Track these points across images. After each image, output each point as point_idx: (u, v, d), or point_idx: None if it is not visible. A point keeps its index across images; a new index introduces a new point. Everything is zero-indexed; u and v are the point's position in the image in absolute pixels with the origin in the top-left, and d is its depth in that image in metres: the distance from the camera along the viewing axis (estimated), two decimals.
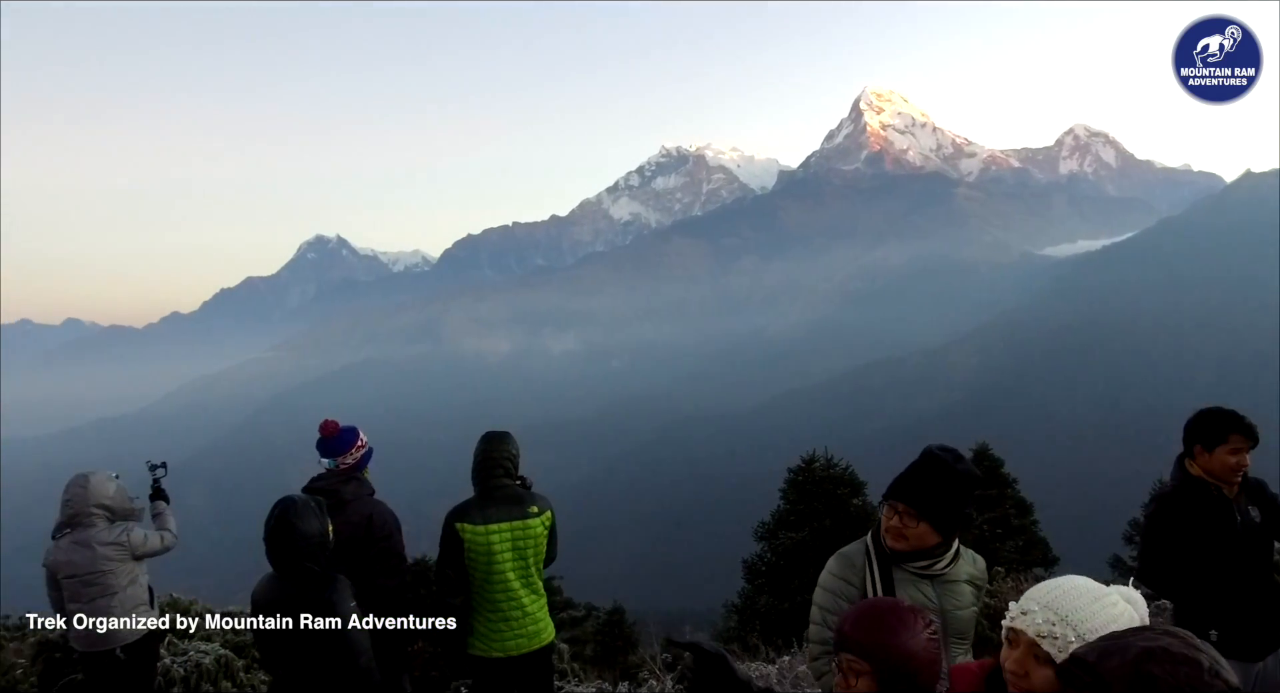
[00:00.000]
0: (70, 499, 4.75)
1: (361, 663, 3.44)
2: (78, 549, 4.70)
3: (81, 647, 4.80)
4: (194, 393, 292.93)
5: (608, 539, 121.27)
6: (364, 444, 4.58)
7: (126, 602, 4.75)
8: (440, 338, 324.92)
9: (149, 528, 5.05)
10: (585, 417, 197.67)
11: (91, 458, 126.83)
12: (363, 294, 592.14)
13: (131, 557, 4.77)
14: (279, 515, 3.47)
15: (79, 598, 4.69)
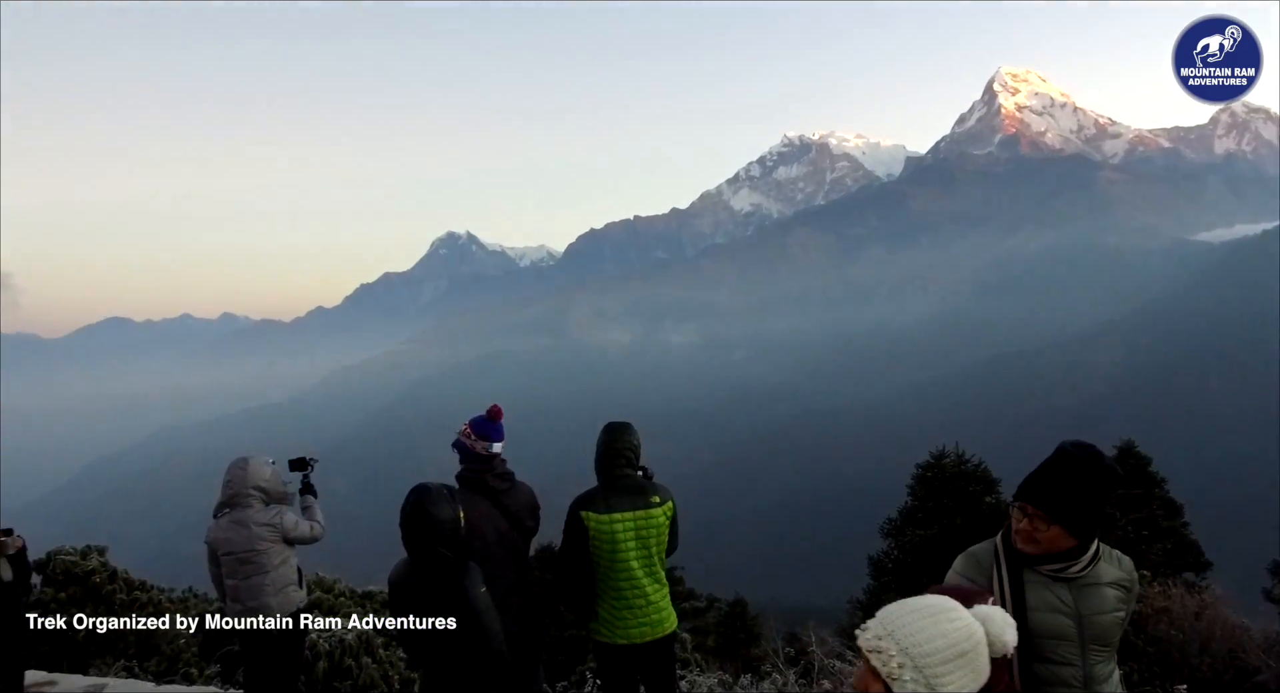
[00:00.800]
0: (230, 480, 5.00)
1: (493, 646, 3.51)
2: (235, 528, 4.93)
3: (241, 620, 4.99)
4: (336, 383, 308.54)
5: (728, 531, 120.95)
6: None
7: (277, 581, 4.98)
8: (563, 331, 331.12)
9: (298, 516, 5.28)
10: (705, 409, 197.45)
11: (245, 443, 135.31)
12: (491, 289, 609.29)
13: (283, 539, 4.99)
14: (414, 502, 3.56)
15: (235, 574, 4.93)
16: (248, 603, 4.94)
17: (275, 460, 5.27)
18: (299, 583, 5.15)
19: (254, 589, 4.93)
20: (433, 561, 3.53)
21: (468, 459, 4.35)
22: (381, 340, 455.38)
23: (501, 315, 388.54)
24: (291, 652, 5.11)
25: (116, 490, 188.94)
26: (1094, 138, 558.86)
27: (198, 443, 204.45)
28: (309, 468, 5.44)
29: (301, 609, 5.11)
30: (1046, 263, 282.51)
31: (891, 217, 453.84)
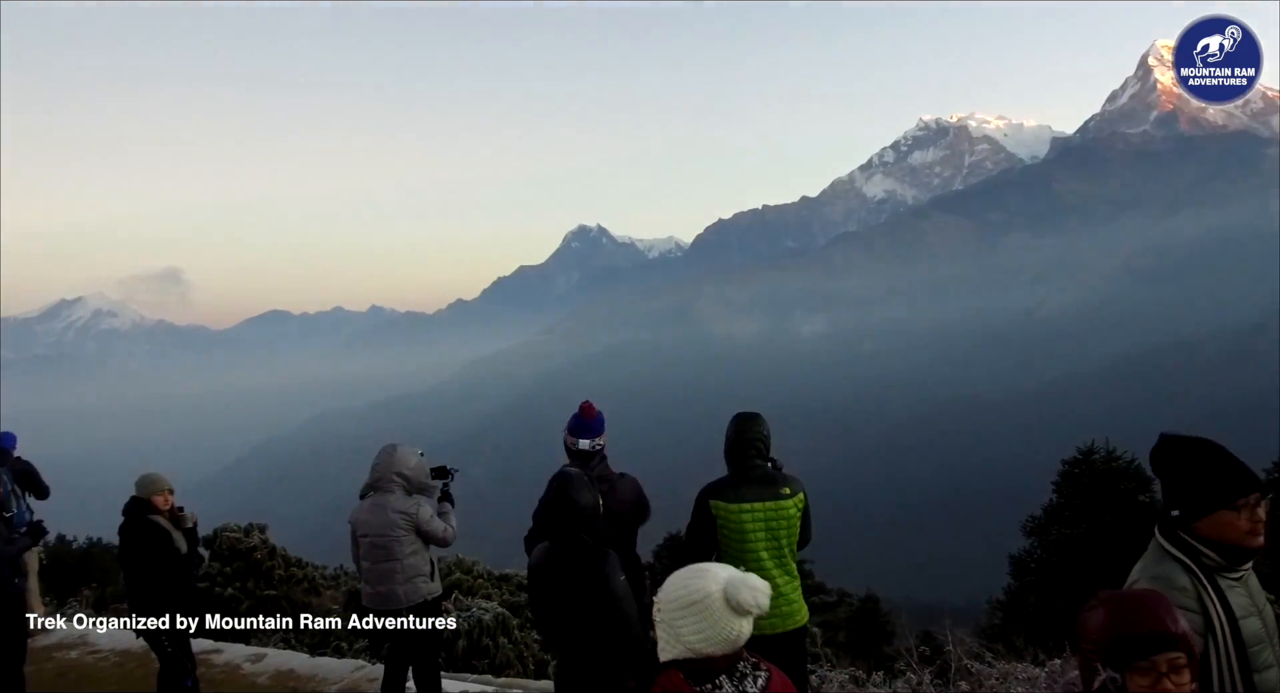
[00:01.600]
0: (377, 464, 5.11)
1: (632, 633, 3.53)
2: (375, 511, 5.02)
3: (370, 605, 5.13)
4: (475, 373, 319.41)
5: (860, 526, 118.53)
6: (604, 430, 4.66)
7: (407, 570, 5.02)
8: (691, 321, 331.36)
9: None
10: (837, 400, 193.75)
11: (391, 429, 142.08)
12: (621, 280, 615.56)
13: (415, 529, 5.04)
14: (558, 488, 3.60)
15: (369, 557, 5.03)
16: (377, 587, 5.03)
17: (424, 452, 5.37)
18: (431, 576, 5.17)
19: (383, 575, 5.02)
20: (574, 546, 3.57)
21: (569, 456, 4.47)
22: (517, 331, 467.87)
23: (631, 306, 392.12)
24: (425, 639, 5.18)
25: (275, 472, 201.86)
26: (1261, 112, 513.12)
27: (349, 428, 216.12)
28: (449, 477, 5.53)
29: (431, 601, 5.15)
30: (1207, 247, 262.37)
31: (1036, 200, 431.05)
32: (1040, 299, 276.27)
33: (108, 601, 12.78)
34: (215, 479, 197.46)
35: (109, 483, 12.85)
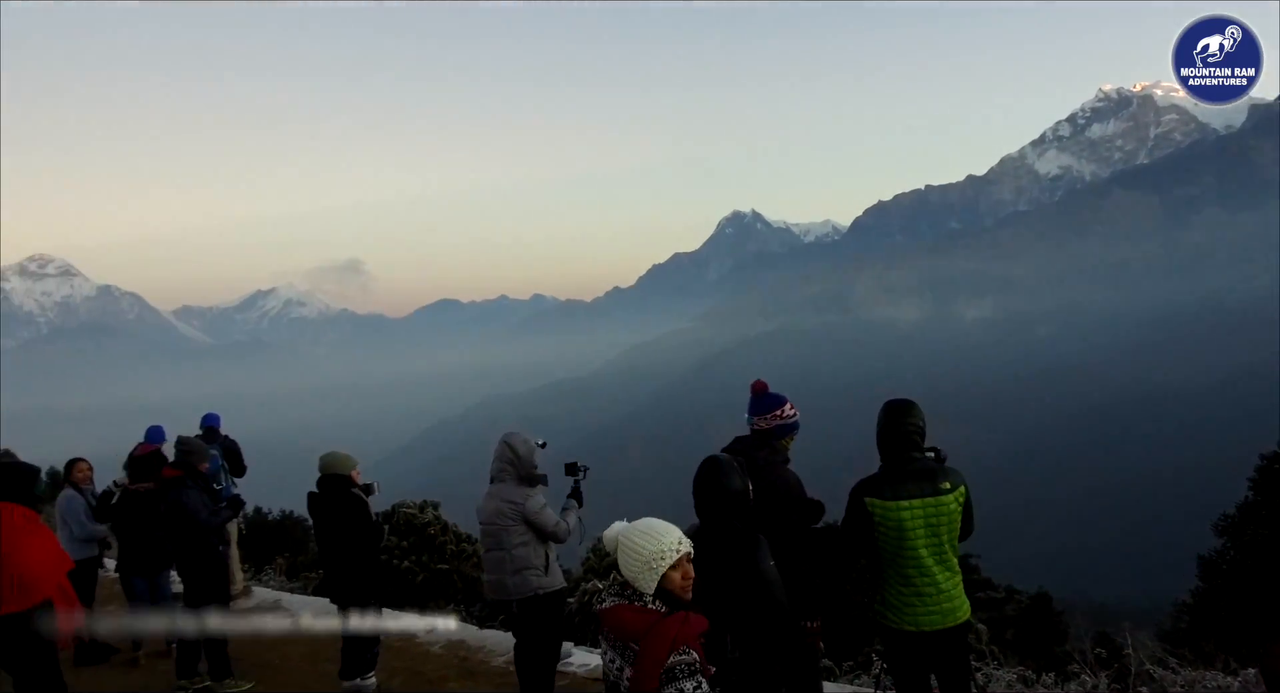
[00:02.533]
0: (496, 455, 5.18)
1: (780, 619, 3.52)
2: (489, 499, 5.13)
3: (487, 593, 5.24)
4: (631, 359, 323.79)
5: (1029, 521, 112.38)
6: (785, 414, 4.45)
7: (516, 561, 5.00)
8: (849, 306, 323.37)
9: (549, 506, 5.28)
10: (1003, 388, 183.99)
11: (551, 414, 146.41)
12: (776, 266, 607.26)
13: (523, 519, 5.01)
14: (707, 472, 3.59)
15: (484, 545, 5.17)
16: (489, 576, 5.11)
17: (545, 442, 5.37)
18: (544, 570, 5.07)
19: (493, 563, 5.05)
20: (724, 531, 3.56)
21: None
22: (672, 318, 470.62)
23: (786, 292, 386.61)
24: (538, 631, 5.13)
25: (445, 453, 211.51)
26: None
27: (512, 412, 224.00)
28: (580, 475, 5.50)
29: (544, 596, 5.05)
30: None
31: (1231, 174, 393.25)
32: (1234, 282, 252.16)
33: (299, 568, 13.85)
34: (391, 459, 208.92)
35: (297, 461, 14.06)
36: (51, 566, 4.84)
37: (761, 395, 4.49)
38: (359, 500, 6.10)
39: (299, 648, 7.63)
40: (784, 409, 4.47)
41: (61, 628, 4.81)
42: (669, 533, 2.77)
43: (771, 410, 4.44)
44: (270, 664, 7.19)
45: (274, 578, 13.12)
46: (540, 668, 5.19)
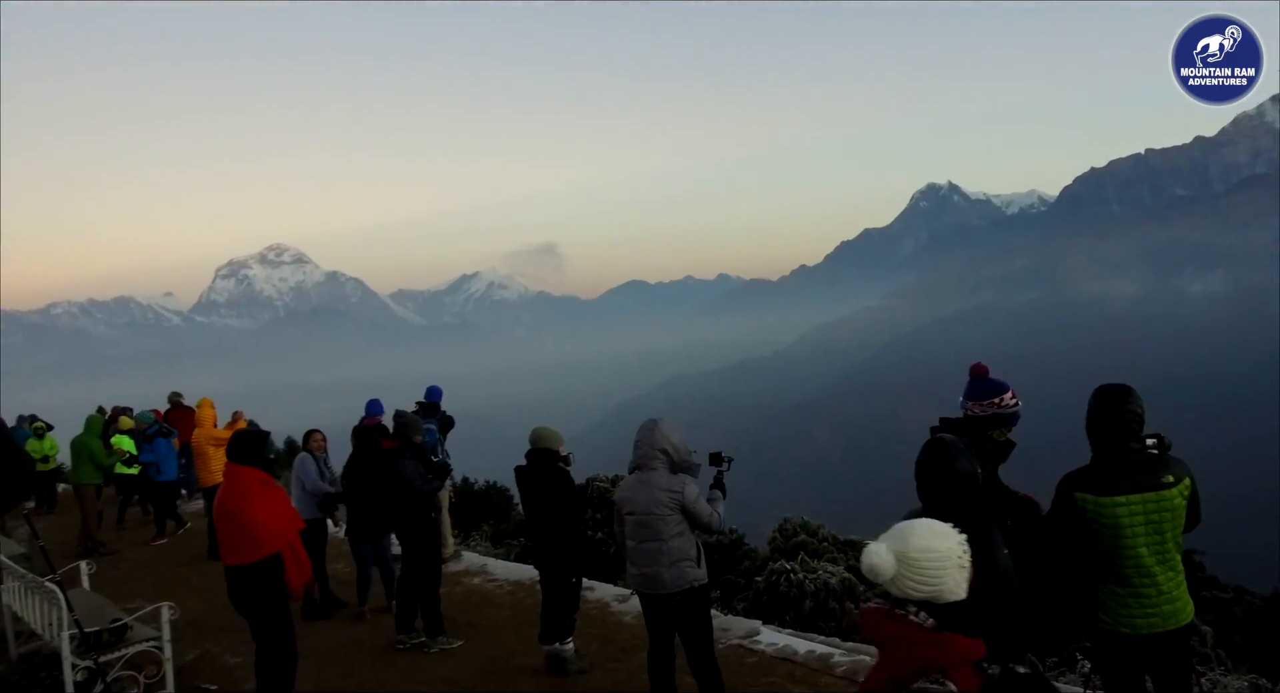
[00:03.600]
0: (640, 441, 4.93)
1: (1015, 611, 3.33)
2: (640, 487, 4.86)
3: (636, 586, 5.04)
4: (818, 338, 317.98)
5: (1265, 516, 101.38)
6: (1004, 403, 4.05)
7: (673, 552, 4.80)
8: (1056, 282, 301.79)
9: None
10: (1236, 371, 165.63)
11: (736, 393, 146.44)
12: (974, 240, 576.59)
13: (681, 509, 4.82)
14: (933, 454, 3.36)
15: (634, 536, 4.89)
16: (643, 569, 4.87)
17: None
18: (698, 562, 4.92)
19: (649, 555, 4.83)
20: (952, 518, 3.13)
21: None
22: (862, 296, 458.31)
23: (986, 267, 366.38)
24: (691, 625, 4.98)
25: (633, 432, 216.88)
26: None
27: (701, 391, 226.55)
28: (725, 465, 5.32)
29: (698, 589, 4.91)
30: None
31: None
32: None
33: (502, 536, 14.67)
34: (583, 435, 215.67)
35: (500, 435, 14.84)
36: (282, 524, 5.37)
37: (981, 379, 4.14)
38: (565, 474, 6.38)
39: (503, 612, 8.11)
40: (1004, 397, 4.07)
41: (290, 581, 5.34)
42: (946, 527, 2.54)
43: (989, 397, 4.06)
44: (477, 626, 7.68)
45: (481, 544, 13.96)
46: (707, 659, 5.07)
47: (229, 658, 7.20)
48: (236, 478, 5.40)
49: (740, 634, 6.85)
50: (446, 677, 6.54)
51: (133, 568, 10.99)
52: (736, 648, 6.59)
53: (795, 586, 8.91)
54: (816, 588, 8.76)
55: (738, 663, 6.28)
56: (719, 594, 10.73)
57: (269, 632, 5.35)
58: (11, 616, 7.35)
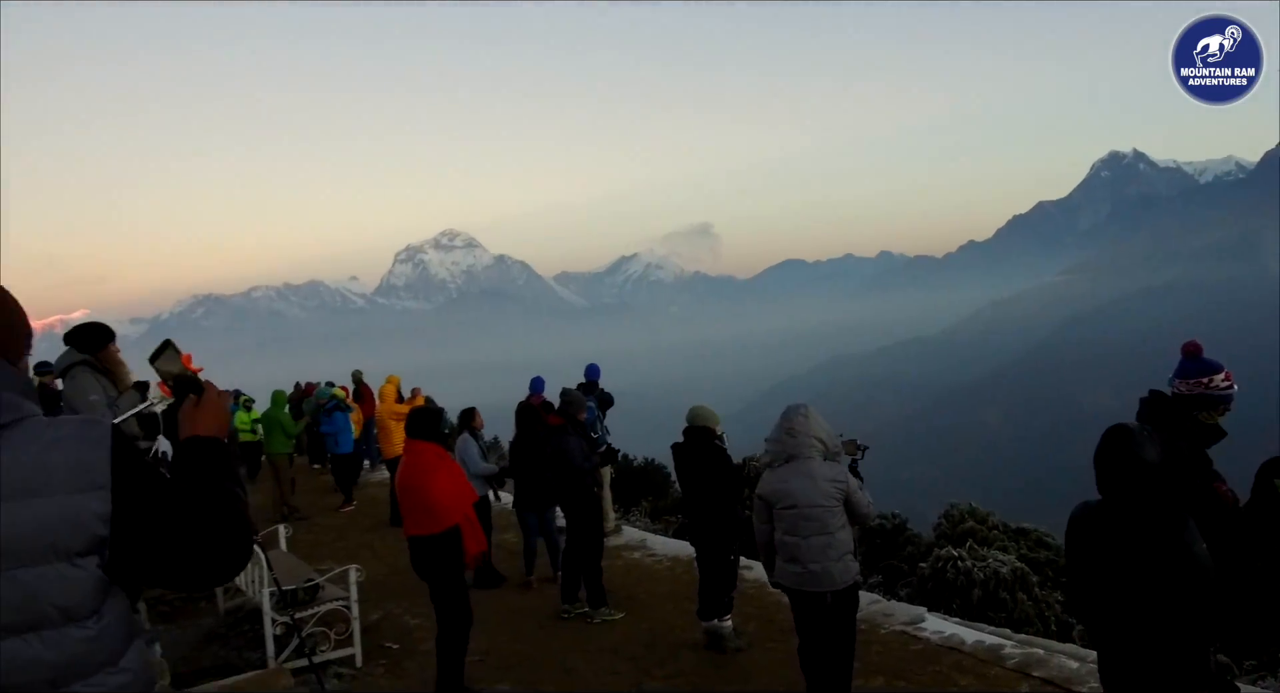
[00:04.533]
0: (793, 428, 4.71)
1: (1217, 613, 3.07)
2: (801, 479, 4.62)
3: (789, 583, 4.76)
4: (987, 317, 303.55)
5: None
6: (1213, 384, 3.80)
7: (839, 545, 4.61)
8: (1257, 256, 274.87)
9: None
10: None
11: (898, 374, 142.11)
12: (1162, 211, 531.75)
13: (847, 499, 4.67)
14: (1115, 441, 3.15)
15: (798, 531, 4.61)
16: (809, 565, 4.60)
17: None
18: (855, 555, 4.77)
19: (816, 551, 4.59)
20: (1140, 510, 3.09)
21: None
22: (1035, 272, 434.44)
23: (1174, 241, 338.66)
24: (845, 622, 4.80)
25: None
26: None
27: (860, 372, 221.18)
28: (859, 454, 5.15)
29: (855, 585, 4.74)
30: None
31: None
32: None
33: (660, 512, 14.92)
34: (739, 415, 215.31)
35: (657, 414, 14.91)
36: (459, 497, 5.66)
37: (1192, 358, 3.92)
38: (722, 451, 6.43)
39: (662, 586, 8.26)
40: (1214, 378, 3.83)
41: (467, 551, 5.64)
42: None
43: (1196, 376, 3.84)
44: (637, 599, 7.85)
45: (640, 519, 14.25)
46: (851, 653, 4.90)
47: (409, 619, 7.67)
48: (417, 453, 5.73)
49: (904, 621, 6.70)
50: (609, 647, 6.73)
51: (323, 533, 11.88)
52: (900, 634, 6.45)
53: (963, 573, 8.62)
54: (986, 577, 8.45)
55: (901, 650, 6.15)
56: (880, 579, 10.53)
57: (447, 597, 5.67)
58: None
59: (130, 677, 1.45)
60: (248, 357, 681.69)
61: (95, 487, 1.38)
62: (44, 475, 1.36)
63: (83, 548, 1.36)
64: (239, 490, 1.61)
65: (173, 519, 1.42)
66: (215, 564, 1.46)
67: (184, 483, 1.52)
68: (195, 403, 1.78)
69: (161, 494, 1.45)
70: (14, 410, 1.43)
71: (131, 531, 1.39)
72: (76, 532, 1.36)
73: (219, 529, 1.45)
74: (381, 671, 6.59)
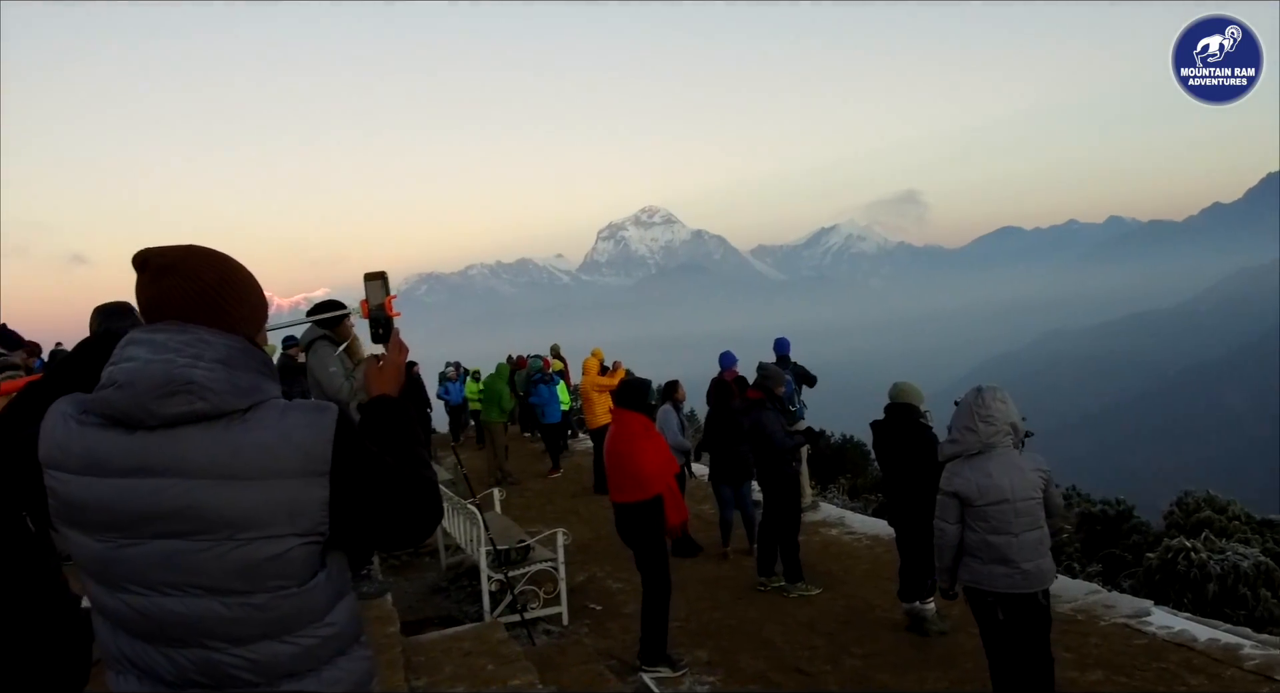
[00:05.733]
0: (989, 414, 4.33)
1: None
2: (1009, 470, 4.28)
3: (996, 586, 4.32)
4: (1235, 287, 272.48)
5: None
6: None
7: (1045, 541, 4.35)
8: None
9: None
10: None
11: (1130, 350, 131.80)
12: None
13: (1044, 490, 4.35)
14: None
15: (1006, 527, 4.25)
16: (1023, 565, 4.24)
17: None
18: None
19: (1030, 547, 4.26)
20: None
21: None
22: None
23: None
24: (1040, 626, 4.40)
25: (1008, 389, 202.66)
26: None
27: (1081, 348, 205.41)
28: (1022, 441, 4.67)
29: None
30: None
31: None
32: None
33: (859, 490, 14.67)
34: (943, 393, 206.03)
35: (856, 389, 14.35)
36: (663, 467, 5.84)
37: None
38: (925, 430, 6.22)
39: (861, 564, 8.14)
40: None
41: (669, 520, 5.82)
42: None
43: None
44: (835, 575, 7.79)
45: (838, 496, 14.07)
46: (1049, 655, 4.50)
47: (612, 583, 8.01)
48: (624, 423, 5.96)
49: (1127, 613, 6.27)
50: (805, 621, 6.73)
51: (533, 497, 12.58)
52: (1122, 627, 6.05)
53: (1197, 566, 7.93)
54: (1224, 571, 7.73)
55: (1123, 643, 5.77)
56: (1100, 569, 9.90)
57: (650, 564, 5.89)
58: (442, 531, 8.79)
59: (336, 630, 1.59)
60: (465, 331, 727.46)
61: (317, 473, 1.51)
62: (275, 460, 1.49)
63: (302, 526, 1.50)
64: (426, 454, 1.72)
65: (380, 497, 1.55)
66: (414, 531, 1.61)
67: (384, 454, 1.64)
68: (378, 364, 1.90)
69: (372, 475, 1.56)
70: (256, 393, 1.55)
71: (345, 510, 1.52)
72: (298, 512, 1.49)
73: (417, 500, 1.59)
74: (586, 630, 6.93)
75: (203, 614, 1.49)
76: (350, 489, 1.53)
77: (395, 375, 1.89)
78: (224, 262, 1.64)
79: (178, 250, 1.60)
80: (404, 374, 1.93)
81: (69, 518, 1.56)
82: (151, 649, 1.53)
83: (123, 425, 1.51)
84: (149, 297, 1.60)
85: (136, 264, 1.61)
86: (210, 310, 1.59)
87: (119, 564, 1.51)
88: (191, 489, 1.47)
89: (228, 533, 1.47)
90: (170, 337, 1.54)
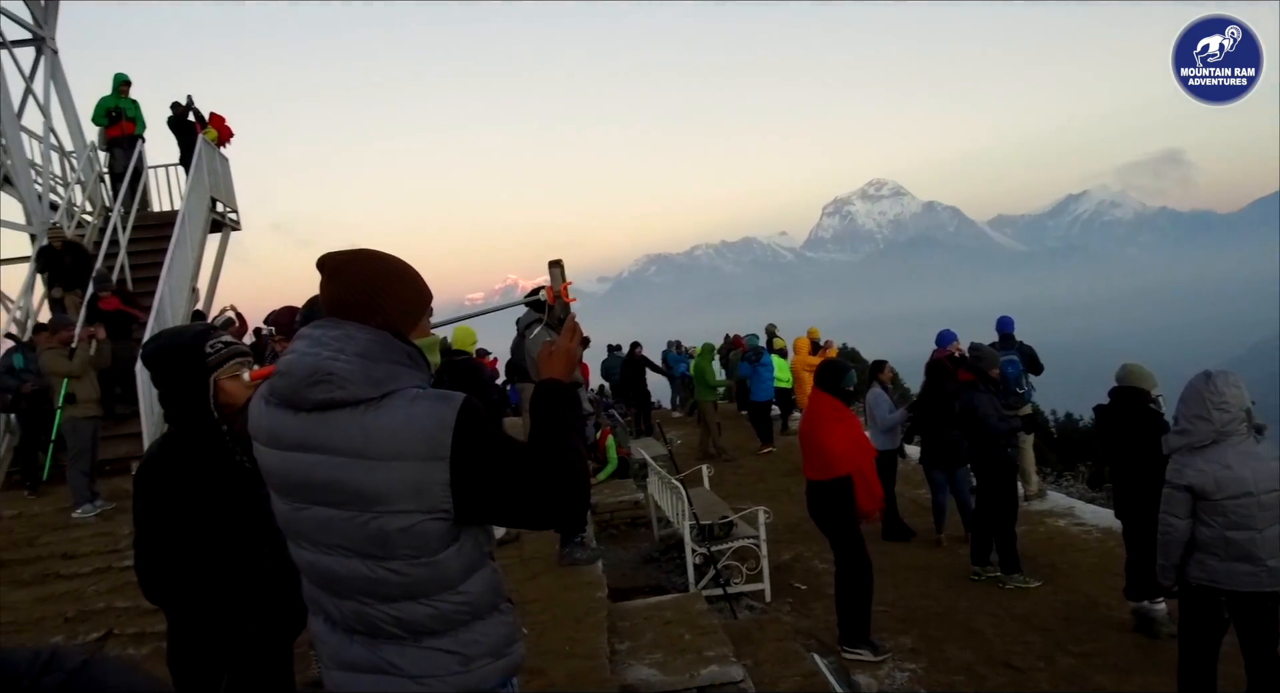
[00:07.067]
0: (1225, 401, 3.95)
1: None
2: (1250, 462, 3.92)
3: (1243, 587, 3.94)
4: None
5: None
6: None
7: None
8: None
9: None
10: None
11: None
12: None
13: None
14: None
15: (1249, 523, 3.90)
16: (1268, 562, 3.87)
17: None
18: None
19: (1274, 543, 3.87)
20: None
21: None
22: None
23: None
24: (1268, 630, 3.97)
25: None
26: None
27: None
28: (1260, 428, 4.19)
29: None
30: None
31: None
32: None
33: (1102, 480, 13.61)
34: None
35: (1108, 369, 13.25)
36: (852, 449, 5.76)
37: None
38: (1156, 416, 5.68)
39: (1088, 558, 7.60)
40: None
41: (860, 504, 5.73)
42: None
43: None
44: (1057, 568, 7.33)
45: (1074, 485, 13.14)
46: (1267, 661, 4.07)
47: (818, 563, 7.96)
48: (816, 403, 5.97)
49: None
50: (1020, 615, 6.42)
51: (746, 475, 12.69)
52: None
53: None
54: None
55: None
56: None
57: (840, 545, 5.86)
58: (655, 504, 9.11)
59: (468, 599, 1.76)
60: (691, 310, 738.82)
61: (439, 457, 1.65)
62: (403, 443, 1.65)
63: (426, 504, 1.66)
64: (578, 440, 1.83)
65: (504, 481, 1.68)
66: (547, 513, 1.72)
67: (530, 439, 1.81)
68: (550, 348, 2.03)
69: (495, 460, 1.69)
70: (392, 381, 1.71)
71: (468, 491, 1.67)
72: (422, 491, 1.65)
73: (548, 485, 1.69)
74: (788, 608, 6.98)
75: (352, 573, 1.70)
76: (471, 473, 1.66)
77: (565, 360, 2.00)
78: (384, 264, 1.82)
79: (346, 255, 1.81)
80: (575, 359, 2.02)
81: (267, 483, 1.84)
82: (326, 598, 1.78)
83: (290, 406, 1.74)
84: (323, 296, 1.81)
85: (318, 267, 1.82)
86: (363, 308, 1.76)
87: (296, 524, 1.77)
88: (336, 466, 1.67)
89: (363, 505, 1.66)
90: (325, 332, 1.75)
